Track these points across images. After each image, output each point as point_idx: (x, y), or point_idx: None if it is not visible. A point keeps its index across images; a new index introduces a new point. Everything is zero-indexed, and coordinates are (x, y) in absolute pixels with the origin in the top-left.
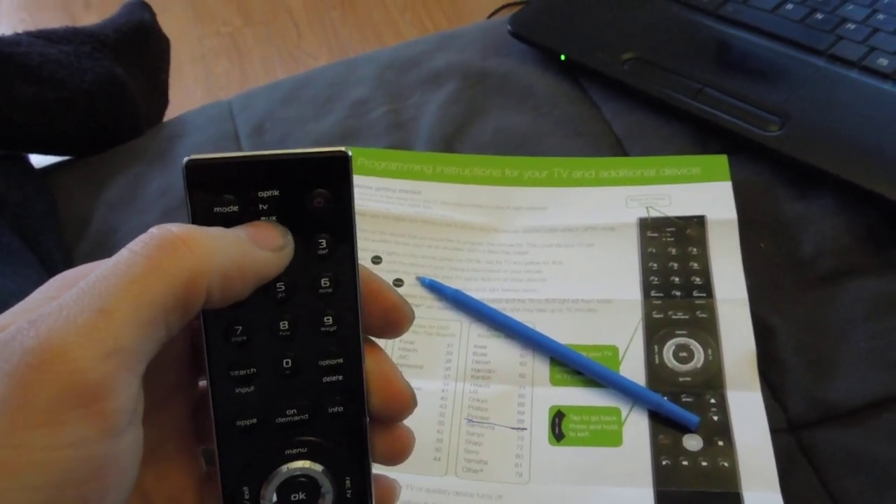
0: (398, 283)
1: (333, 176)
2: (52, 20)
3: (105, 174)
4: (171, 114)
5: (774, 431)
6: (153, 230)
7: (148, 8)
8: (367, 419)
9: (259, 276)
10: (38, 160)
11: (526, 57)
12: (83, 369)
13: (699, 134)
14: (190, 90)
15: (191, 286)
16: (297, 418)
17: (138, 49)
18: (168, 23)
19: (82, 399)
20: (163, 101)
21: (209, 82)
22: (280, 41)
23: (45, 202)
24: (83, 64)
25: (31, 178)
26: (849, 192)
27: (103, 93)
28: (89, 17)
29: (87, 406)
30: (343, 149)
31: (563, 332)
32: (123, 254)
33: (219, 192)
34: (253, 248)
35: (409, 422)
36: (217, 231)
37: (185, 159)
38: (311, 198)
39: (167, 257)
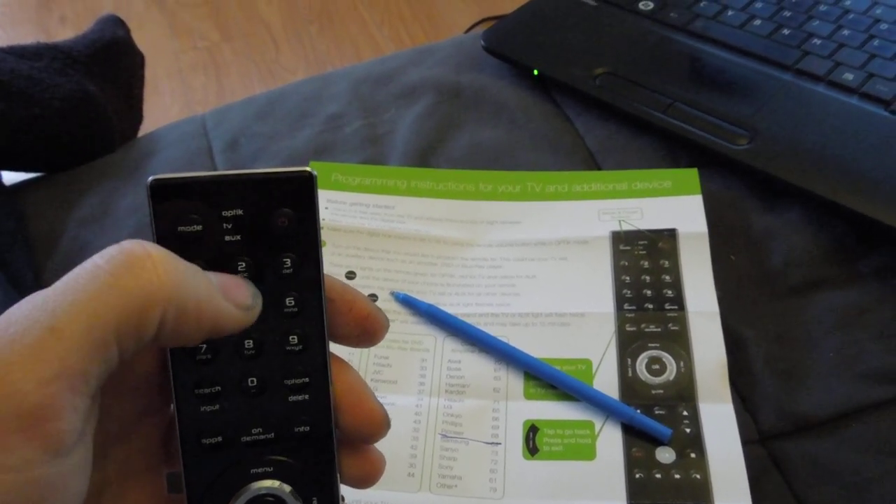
0: (372, 298)
1: (298, 195)
2: (26, 35)
3: (76, 191)
4: (146, 129)
5: (746, 443)
6: (125, 243)
7: (121, 23)
8: (336, 440)
9: (215, 327)
10: (8, 177)
11: (500, 72)
12: (23, 392)
13: (670, 148)
14: (167, 105)
15: (147, 309)
16: (262, 437)
17: (111, 65)
18: (145, 38)
19: (22, 422)
20: (136, 116)
21: (186, 97)
22: (258, 56)
23: (14, 219)
24: (54, 80)
25: None
26: (816, 205)
27: (75, 109)
28: (65, 32)
29: (29, 430)
30: (307, 168)
31: (536, 346)
32: (87, 266)
33: (183, 211)
34: (218, 297)
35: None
36: (191, 265)
37: (150, 179)
38: (275, 217)
39: (131, 275)
